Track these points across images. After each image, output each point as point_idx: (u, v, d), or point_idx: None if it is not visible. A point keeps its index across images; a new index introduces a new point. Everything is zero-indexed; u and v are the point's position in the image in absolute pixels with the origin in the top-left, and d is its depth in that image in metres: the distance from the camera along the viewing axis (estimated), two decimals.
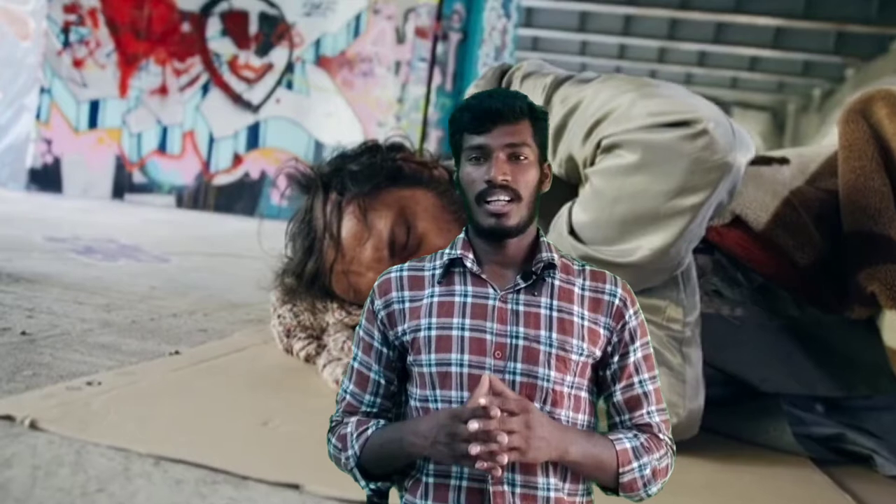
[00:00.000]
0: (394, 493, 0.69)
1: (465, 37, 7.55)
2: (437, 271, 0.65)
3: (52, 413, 1.14)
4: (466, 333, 0.62)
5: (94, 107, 6.72)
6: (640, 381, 0.65)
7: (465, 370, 0.61)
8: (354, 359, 0.67)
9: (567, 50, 14.95)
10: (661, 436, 0.65)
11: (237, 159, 6.84)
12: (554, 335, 0.62)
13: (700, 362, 1.35)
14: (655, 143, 1.22)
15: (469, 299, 0.63)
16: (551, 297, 0.63)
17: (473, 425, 0.56)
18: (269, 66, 6.85)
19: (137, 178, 6.78)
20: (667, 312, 1.33)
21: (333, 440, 0.67)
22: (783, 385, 1.50)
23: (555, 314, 0.63)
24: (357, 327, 0.68)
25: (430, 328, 0.63)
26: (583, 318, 0.64)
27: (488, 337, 0.62)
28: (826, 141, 1.83)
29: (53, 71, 6.64)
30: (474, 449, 0.56)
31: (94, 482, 0.94)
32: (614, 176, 1.26)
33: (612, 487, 0.64)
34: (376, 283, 0.66)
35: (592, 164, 1.32)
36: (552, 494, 0.61)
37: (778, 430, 1.43)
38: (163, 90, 6.75)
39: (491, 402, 0.57)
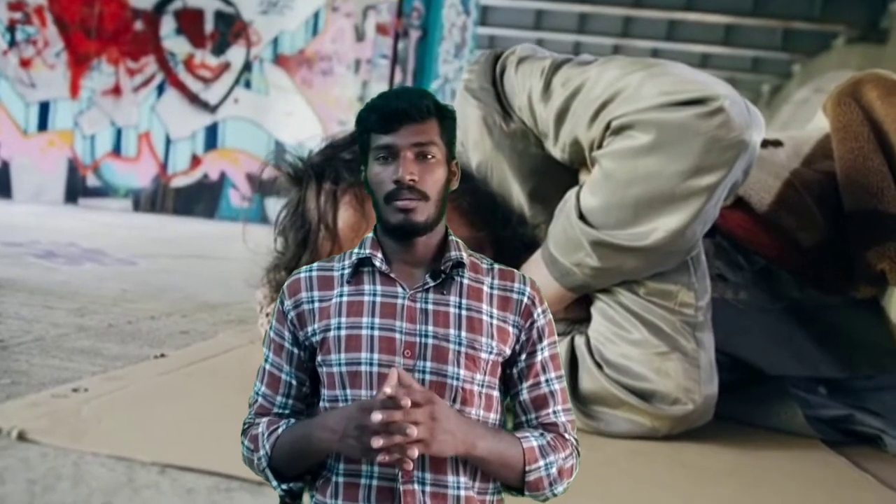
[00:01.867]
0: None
1: (424, 34, 7.49)
2: (346, 271, 0.64)
3: (40, 423, 1.06)
4: (376, 332, 0.62)
5: (44, 108, 6.46)
6: (547, 380, 0.65)
7: (375, 369, 0.61)
8: (266, 360, 0.66)
9: None
10: (566, 435, 0.65)
11: (195, 161, 6.66)
12: (463, 334, 0.62)
13: (712, 347, 1.33)
14: (670, 122, 1.18)
15: (378, 298, 0.63)
16: (460, 296, 0.63)
17: (377, 416, 0.55)
18: (227, 66, 6.68)
19: (91, 181, 6.54)
20: (679, 297, 1.30)
21: (246, 442, 0.65)
22: (788, 367, 1.49)
23: (464, 313, 0.63)
24: (268, 328, 0.67)
25: (339, 328, 0.62)
26: (492, 317, 0.63)
27: (398, 336, 0.62)
28: (811, 125, 1.83)
29: None
30: (377, 442, 0.55)
31: (97, 495, 0.86)
32: (627, 157, 1.22)
33: (518, 486, 0.63)
34: (286, 284, 0.65)
35: (601, 146, 1.28)
36: (462, 493, 0.61)
37: (788, 413, 1.42)
38: (116, 90, 6.52)
39: (398, 390, 0.56)
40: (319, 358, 0.63)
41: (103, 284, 2.43)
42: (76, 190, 6.51)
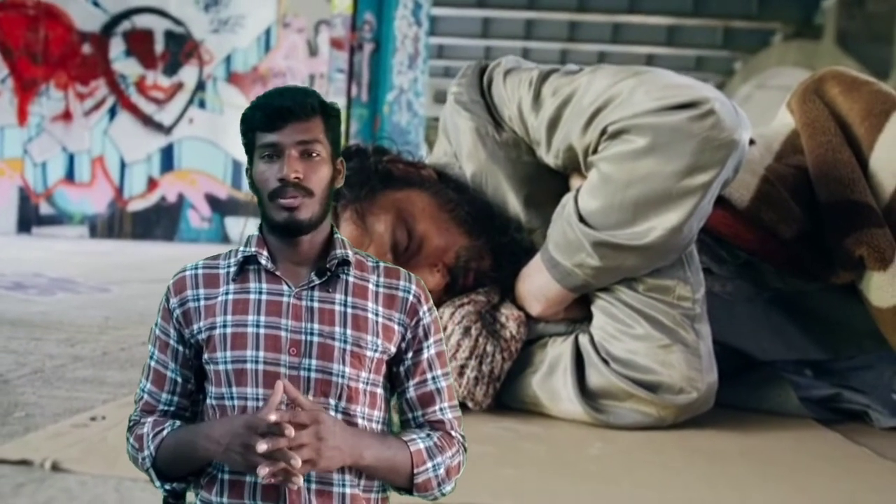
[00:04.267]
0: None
1: (377, 46, 7.51)
2: (232, 269, 0.65)
3: (70, 452, 1.05)
4: (261, 330, 0.62)
5: None
6: (433, 378, 0.66)
7: (261, 367, 0.62)
8: (151, 357, 0.67)
9: (471, 56, 15.12)
10: (453, 433, 0.66)
11: (152, 183, 6.56)
12: (349, 331, 0.63)
13: (710, 337, 1.39)
14: (664, 125, 1.24)
15: (264, 296, 0.63)
16: (346, 294, 0.64)
17: (262, 447, 0.56)
18: (179, 86, 6.60)
19: (45, 209, 6.38)
20: (676, 291, 1.36)
21: (131, 440, 0.66)
22: (778, 353, 1.57)
23: (349, 310, 0.63)
24: (153, 326, 0.67)
25: (225, 326, 0.63)
26: (377, 315, 0.64)
27: (283, 334, 0.62)
28: (775, 122, 1.92)
29: None
30: (262, 471, 0.56)
31: None
32: (624, 160, 1.28)
33: (407, 488, 0.65)
34: (171, 282, 0.66)
35: (596, 151, 1.34)
36: (347, 491, 0.62)
37: (782, 395, 1.49)
38: (66, 116, 6.38)
39: (282, 417, 0.57)
40: (206, 356, 0.64)
41: (84, 313, 2.40)
42: (29, 219, 6.35)
